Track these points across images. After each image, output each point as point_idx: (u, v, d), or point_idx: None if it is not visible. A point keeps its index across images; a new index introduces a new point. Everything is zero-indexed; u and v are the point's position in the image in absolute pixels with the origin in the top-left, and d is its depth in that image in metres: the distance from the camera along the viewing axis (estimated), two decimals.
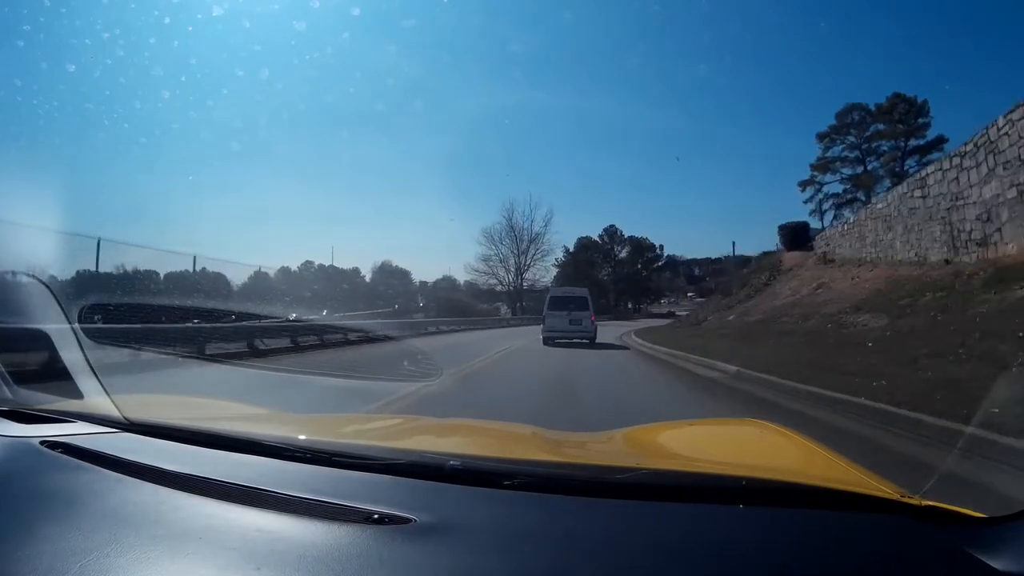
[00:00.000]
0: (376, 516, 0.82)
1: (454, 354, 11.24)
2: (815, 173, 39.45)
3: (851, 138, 37.84)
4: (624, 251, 68.14)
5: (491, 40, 62.20)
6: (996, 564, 0.68)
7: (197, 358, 7.83)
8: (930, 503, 0.81)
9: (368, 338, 11.63)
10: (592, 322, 15.93)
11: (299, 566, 0.73)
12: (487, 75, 67.87)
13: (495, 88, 66.32)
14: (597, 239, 67.18)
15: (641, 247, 67.18)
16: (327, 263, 46.10)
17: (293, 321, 13.43)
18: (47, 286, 1.82)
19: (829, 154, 39.28)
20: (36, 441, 1.19)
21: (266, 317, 12.61)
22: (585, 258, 63.55)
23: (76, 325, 1.97)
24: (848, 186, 38.38)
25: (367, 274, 51.60)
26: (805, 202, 41.01)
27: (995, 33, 47.59)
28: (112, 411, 1.33)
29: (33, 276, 1.91)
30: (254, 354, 10.57)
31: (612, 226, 68.52)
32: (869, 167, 37.31)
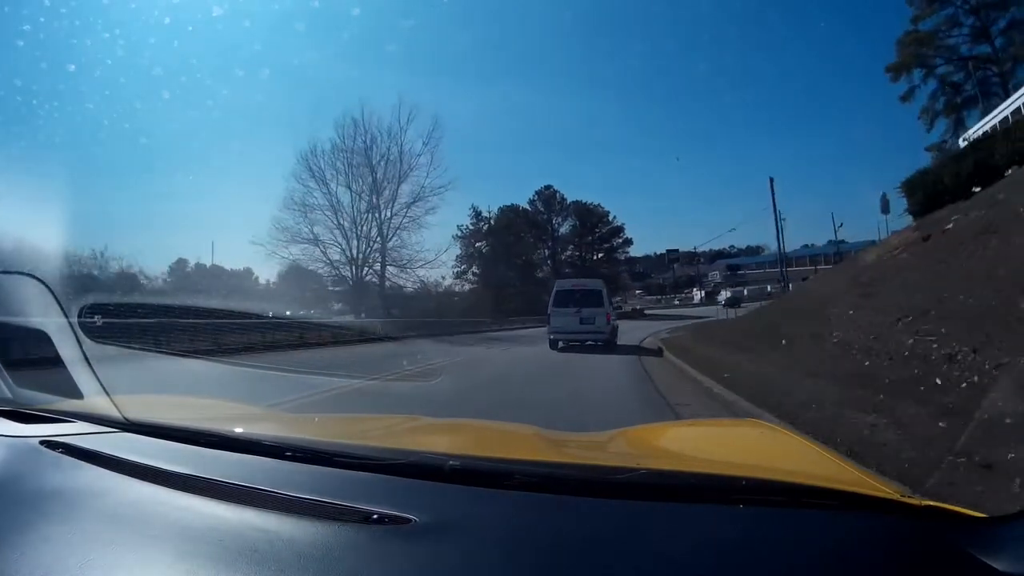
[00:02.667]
0: (376, 516, 0.82)
1: None
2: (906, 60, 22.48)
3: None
4: (566, 224, 49.50)
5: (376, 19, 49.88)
6: (996, 564, 0.68)
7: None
8: (930, 503, 0.81)
9: None
10: (608, 321, 13.05)
11: (299, 566, 0.73)
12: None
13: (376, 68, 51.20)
14: (527, 207, 47.41)
15: (590, 217, 48.87)
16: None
17: None
18: (46, 284, 1.82)
19: (923, 27, 22.39)
20: (36, 441, 1.19)
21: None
22: (506, 223, 44.06)
23: (74, 319, 1.97)
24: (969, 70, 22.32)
25: (269, 277, 33.70)
26: (903, 98, 23.74)
27: None
28: (112, 411, 1.33)
29: (31, 274, 1.91)
30: None
31: (549, 188, 48.01)
32: (997, 44, 21.29)
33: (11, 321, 1.95)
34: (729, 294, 44.31)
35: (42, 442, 1.18)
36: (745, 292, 41.41)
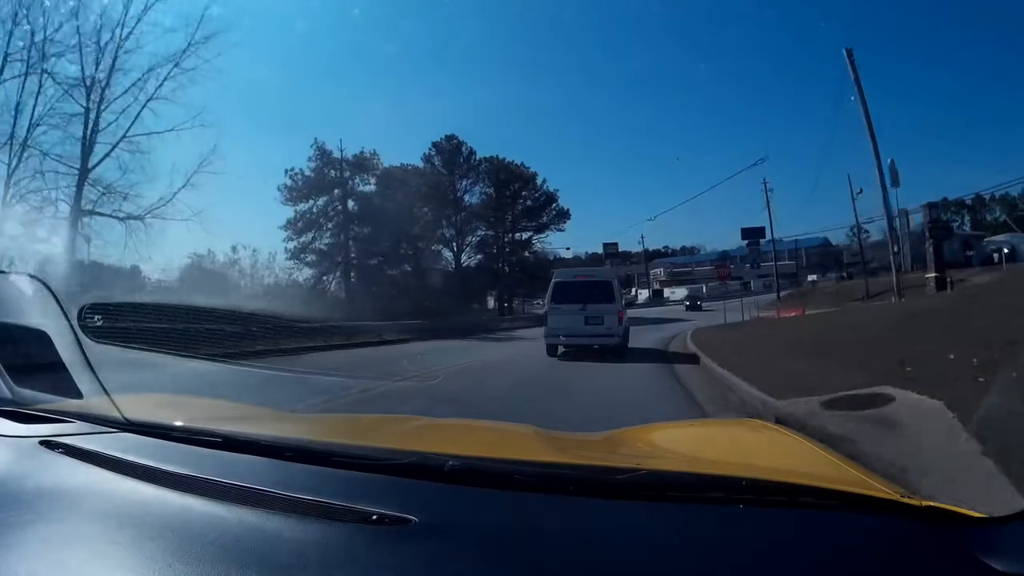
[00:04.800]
0: (376, 516, 0.82)
1: None
2: None
3: None
4: (476, 189, 34.13)
5: None
6: (997, 564, 0.67)
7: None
8: (930, 503, 0.81)
9: None
10: (620, 321, 10.50)
11: (298, 566, 0.73)
12: None
13: None
14: (422, 164, 32.54)
15: (512, 180, 33.94)
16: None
17: None
18: (46, 285, 1.82)
19: None
20: (35, 441, 1.19)
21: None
22: (385, 187, 29.49)
23: (74, 320, 1.97)
24: None
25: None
26: None
27: None
28: (111, 411, 1.33)
29: (32, 275, 1.91)
30: None
31: (452, 139, 33.29)
32: None
33: (11, 321, 1.95)
34: (687, 292, 40.56)
35: (42, 442, 1.18)
36: (704, 290, 38.45)
